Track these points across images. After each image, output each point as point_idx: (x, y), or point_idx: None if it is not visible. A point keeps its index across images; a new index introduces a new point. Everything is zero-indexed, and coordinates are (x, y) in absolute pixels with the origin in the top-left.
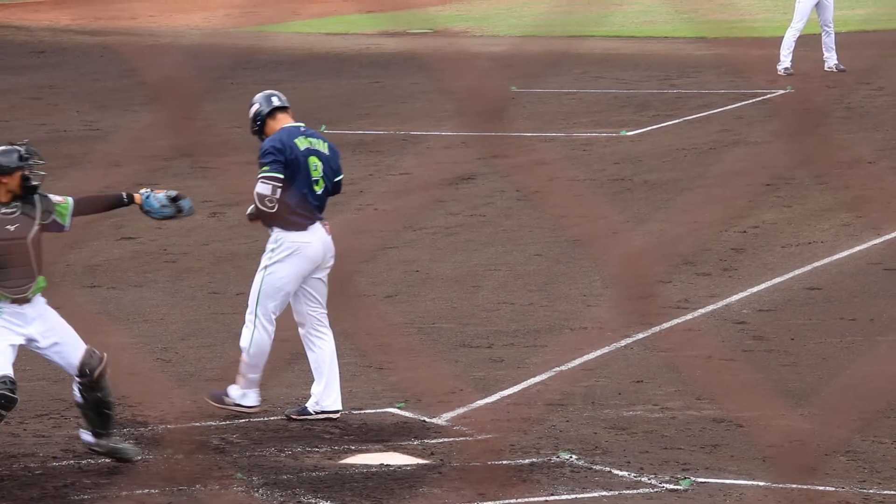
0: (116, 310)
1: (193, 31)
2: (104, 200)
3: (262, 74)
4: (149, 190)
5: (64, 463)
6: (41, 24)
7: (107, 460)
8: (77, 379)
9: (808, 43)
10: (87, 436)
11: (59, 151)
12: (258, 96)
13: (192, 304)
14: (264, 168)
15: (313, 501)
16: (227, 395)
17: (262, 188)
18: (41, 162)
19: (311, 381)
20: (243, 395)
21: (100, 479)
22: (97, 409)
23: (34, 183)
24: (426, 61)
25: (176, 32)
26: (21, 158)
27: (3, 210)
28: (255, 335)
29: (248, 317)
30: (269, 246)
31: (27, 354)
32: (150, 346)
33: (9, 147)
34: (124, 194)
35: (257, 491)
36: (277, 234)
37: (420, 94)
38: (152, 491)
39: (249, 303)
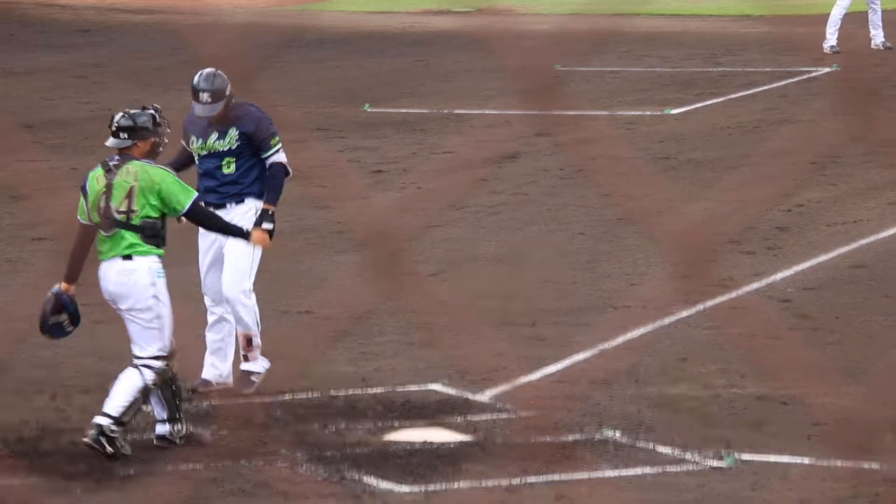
0: None
1: (237, 10)
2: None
3: (306, 53)
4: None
5: None
6: (86, 2)
7: (152, 435)
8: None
9: (855, 20)
10: (162, 428)
11: (104, 130)
12: (218, 74)
13: None
14: (277, 138)
15: (357, 477)
16: (253, 376)
17: (285, 157)
18: (169, 130)
19: (354, 357)
20: (258, 361)
21: (145, 454)
22: (173, 385)
23: (160, 151)
24: (470, 40)
25: (220, 11)
26: (155, 123)
27: None
28: (255, 309)
29: (244, 297)
30: (249, 216)
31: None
32: (194, 322)
33: (143, 111)
34: None
35: (301, 466)
36: (249, 203)
37: (463, 72)
38: (197, 466)
39: (241, 283)
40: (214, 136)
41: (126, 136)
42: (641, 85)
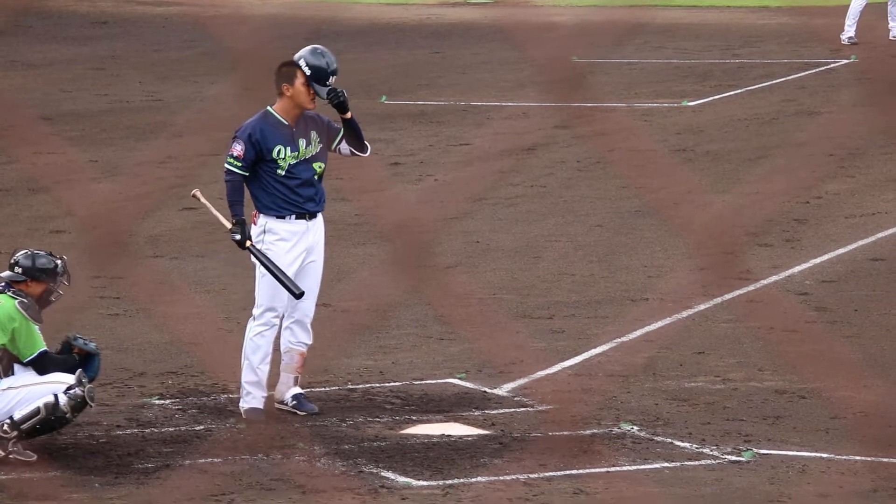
0: (179, 280)
1: (254, 3)
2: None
3: (323, 45)
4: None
5: (128, 431)
6: None
7: (170, 429)
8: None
9: (874, 11)
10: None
11: (122, 122)
12: None
13: (253, 274)
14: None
15: (374, 471)
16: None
17: None
18: (67, 284)
19: (372, 350)
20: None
21: (163, 448)
22: (57, 417)
23: (52, 299)
24: (487, 32)
25: (238, 3)
26: (55, 273)
27: None
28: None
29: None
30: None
31: (86, 325)
32: (212, 316)
33: (49, 257)
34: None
35: (319, 461)
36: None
37: (480, 64)
38: (215, 460)
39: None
40: (304, 142)
41: (20, 271)
42: (659, 76)
